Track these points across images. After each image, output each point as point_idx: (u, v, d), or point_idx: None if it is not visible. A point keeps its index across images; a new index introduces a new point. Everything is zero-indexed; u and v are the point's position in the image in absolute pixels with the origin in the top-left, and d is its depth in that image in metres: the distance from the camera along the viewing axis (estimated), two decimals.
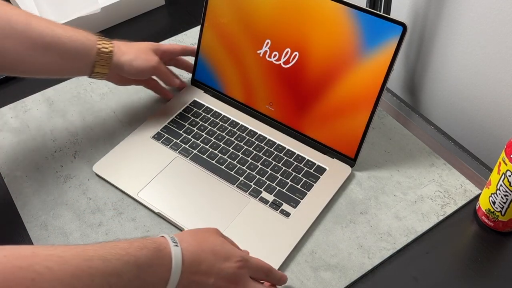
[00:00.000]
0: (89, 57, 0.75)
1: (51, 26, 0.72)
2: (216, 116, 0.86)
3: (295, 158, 0.79)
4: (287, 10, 0.77)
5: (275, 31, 0.79)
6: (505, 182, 0.67)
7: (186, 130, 0.84)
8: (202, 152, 0.80)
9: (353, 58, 0.73)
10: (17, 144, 0.84)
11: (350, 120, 0.76)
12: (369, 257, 0.70)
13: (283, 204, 0.74)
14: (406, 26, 0.68)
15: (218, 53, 0.86)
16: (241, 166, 0.78)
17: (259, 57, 0.81)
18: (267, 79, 0.82)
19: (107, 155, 0.81)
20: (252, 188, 0.76)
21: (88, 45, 0.74)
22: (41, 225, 0.74)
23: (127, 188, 0.76)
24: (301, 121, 0.81)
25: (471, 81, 0.88)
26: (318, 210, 0.73)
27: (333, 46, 0.75)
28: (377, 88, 0.73)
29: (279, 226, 0.72)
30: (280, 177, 0.77)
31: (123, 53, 0.77)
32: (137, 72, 0.79)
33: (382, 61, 0.71)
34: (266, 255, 0.67)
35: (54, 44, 0.71)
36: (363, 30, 0.72)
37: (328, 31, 0.75)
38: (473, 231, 0.73)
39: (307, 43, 0.77)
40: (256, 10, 0.80)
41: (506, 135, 0.85)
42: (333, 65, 0.75)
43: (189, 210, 0.74)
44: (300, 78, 0.79)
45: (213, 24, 0.85)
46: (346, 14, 0.73)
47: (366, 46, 0.72)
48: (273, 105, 0.82)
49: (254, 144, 0.81)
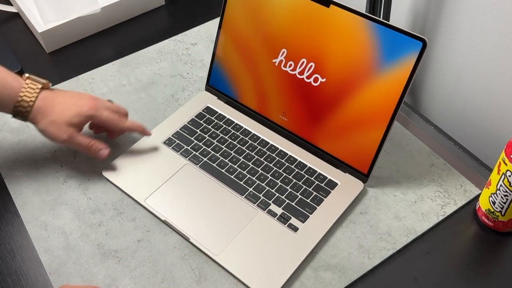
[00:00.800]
0: (5, 110, 0.74)
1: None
2: (229, 124, 0.85)
3: (306, 171, 0.78)
4: (305, 20, 0.76)
5: (292, 41, 0.78)
6: (505, 182, 0.67)
7: (197, 137, 0.83)
8: (212, 160, 0.80)
9: (370, 72, 0.72)
10: (17, 144, 0.84)
11: (365, 135, 0.74)
12: (369, 257, 0.70)
13: (291, 218, 0.73)
14: (426, 42, 0.67)
15: (233, 60, 0.85)
16: (250, 177, 0.78)
17: (274, 66, 0.81)
18: (282, 89, 0.81)
19: (117, 158, 0.80)
20: (261, 200, 0.75)
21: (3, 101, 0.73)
22: (41, 225, 0.74)
23: (135, 194, 0.76)
24: (314, 133, 0.79)
25: (471, 81, 0.88)
26: (327, 227, 0.72)
27: (350, 58, 0.73)
28: (394, 104, 0.71)
29: (286, 241, 0.70)
30: (290, 189, 0.76)
31: (36, 121, 0.74)
32: (50, 140, 0.76)
33: (400, 77, 0.70)
34: (270, 270, 0.67)
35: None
36: (382, 44, 0.70)
37: (345, 43, 0.73)
38: (473, 231, 0.73)
39: (324, 54, 0.75)
40: (273, 18, 0.79)
41: (506, 135, 0.85)
42: (349, 78, 0.74)
43: (196, 220, 0.73)
44: (316, 89, 0.78)
45: (229, 30, 0.84)
46: (365, 27, 0.71)
47: (384, 60, 0.71)
48: (286, 115, 0.81)
49: (265, 154, 0.81)
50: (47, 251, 0.71)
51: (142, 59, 0.98)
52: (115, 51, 1.01)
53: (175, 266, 0.69)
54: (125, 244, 0.71)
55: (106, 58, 0.99)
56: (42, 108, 0.74)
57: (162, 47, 1.00)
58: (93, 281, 0.68)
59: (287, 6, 0.77)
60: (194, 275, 0.68)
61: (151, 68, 0.96)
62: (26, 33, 1.04)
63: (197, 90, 0.92)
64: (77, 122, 0.75)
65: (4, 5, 1.08)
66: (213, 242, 0.70)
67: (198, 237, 0.71)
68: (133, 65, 0.97)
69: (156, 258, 0.70)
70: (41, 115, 0.74)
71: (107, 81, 0.94)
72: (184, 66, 0.97)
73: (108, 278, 0.68)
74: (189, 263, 0.69)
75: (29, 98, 0.73)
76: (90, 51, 1.01)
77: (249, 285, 0.66)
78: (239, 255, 0.69)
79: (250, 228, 0.72)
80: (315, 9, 0.75)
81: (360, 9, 0.72)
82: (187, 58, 0.98)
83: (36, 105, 0.73)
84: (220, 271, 0.69)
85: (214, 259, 0.69)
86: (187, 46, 1.01)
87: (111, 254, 0.70)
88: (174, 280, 0.68)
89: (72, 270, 0.69)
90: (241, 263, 0.68)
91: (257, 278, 0.67)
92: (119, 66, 0.97)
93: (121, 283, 0.68)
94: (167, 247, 0.71)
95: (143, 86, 0.93)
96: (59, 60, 1.00)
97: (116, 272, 0.69)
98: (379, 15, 0.89)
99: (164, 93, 0.92)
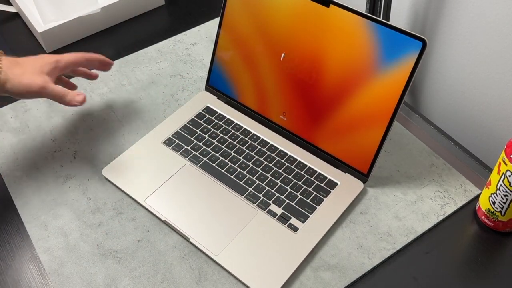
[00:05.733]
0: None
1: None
2: (228, 124, 0.85)
3: (306, 171, 0.78)
4: (304, 20, 0.76)
5: (291, 41, 0.78)
6: (505, 182, 0.67)
7: (197, 137, 0.83)
8: (212, 160, 0.80)
9: (370, 72, 0.72)
10: (17, 144, 0.84)
11: (365, 135, 0.75)
12: (369, 257, 0.70)
13: (291, 218, 0.73)
14: (426, 41, 0.67)
15: (233, 60, 0.85)
16: (250, 177, 0.77)
17: (274, 66, 0.80)
18: (281, 89, 0.81)
19: (117, 158, 0.80)
20: (261, 200, 0.75)
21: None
22: (41, 225, 0.74)
23: (135, 194, 0.76)
24: (314, 133, 0.79)
25: (471, 81, 0.88)
26: (327, 227, 0.72)
27: (350, 58, 0.73)
28: (394, 103, 0.71)
29: (286, 241, 0.70)
30: (290, 189, 0.76)
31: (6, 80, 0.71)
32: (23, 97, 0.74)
33: (399, 77, 0.70)
34: (270, 270, 0.67)
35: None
36: (382, 44, 0.70)
37: (345, 43, 0.73)
38: (473, 231, 0.73)
39: (323, 54, 0.75)
40: (273, 18, 0.79)
41: (506, 135, 0.85)
42: (349, 78, 0.74)
43: (196, 220, 0.73)
44: (315, 89, 0.78)
45: (229, 30, 0.84)
46: (364, 27, 0.71)
47: (384, 60, 0.71)
48: (286, 115, 0.81)
49: (265, 154, 0.81)
50: (47, 251, 0.71)
51: (142, 59, 0.98)
52: (115, 51, 1.01)
53: (175, 266, 0.69)
54: (125, 244, 0.71)
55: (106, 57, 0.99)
56: (7, 68, 0.72)
57: (162, 47, 1.00)
58: (93, 281, 0.68)
59: (287, 6, 0.77)
60: (194, 275, 0.68)
61: (151, 68, 0.96)
62: (26, 33, 1.04)
63: (197, 90, 0.92)
64: (48, 70, 0.74)
65: (4, 5, 1.08)
66: (213, 242, 0.70)
67: (198, 237, 0.71)
68: (133, 65, 0.97)
69: (156, 258, 0.70)
70: (10, 72, 0.72)
71: (107, 81, 0.94)
72: (184, 66, 0.97)
73: (108, 278, 0.68)
74: (189, 263, 0.69)
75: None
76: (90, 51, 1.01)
77: (249, 285, 0.66)
78: (239, 255, 0.69)
79: (250, 228, 0.72)
80: (315, 9, 0.75)
81: (360, 9, 0.72)
82: (187, 58, 0.98)
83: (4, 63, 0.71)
84: (220, 271, 0.69)
85: (214, 259, 0.69)
86: (187, 46, 1.01)
87: (111, 254, 0.70)
88: (174, 280, 0.68)
89: (72, 270, 0.69)
90: (241, 263, 0.68)
91: (257, 278, 0.67)
92: (119, 66, 0.97)
93: (121, 283, 0.68)
94: (167, 247, 0.71)
95: (143, 86, 0.93)
96: None
97: (116, 272, 0.69)
98: (379, 15, 0.89)
99: (164, 93, 0.92)
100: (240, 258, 0.69)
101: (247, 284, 0.67)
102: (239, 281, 0.67)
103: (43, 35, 0.98)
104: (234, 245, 0.70)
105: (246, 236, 0.71)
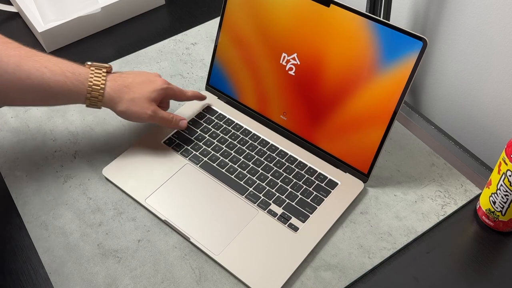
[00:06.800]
0: (78, 101, 0.74)
1: (40, 68, 0.70)
2: (229, 124, 0.85)
3: (307, 171, 0.78)
4: (305, 20, 0.76)
5: (292, 40, 0.78)
6: (505, 182, 0.67)
7: (197, 137, 0.83)
8: (213, 160, 0.80)
9: (370, 71, 0.72)
10: (17, 144, 0.84)
11: (365, 135, 0.74)
12: (369, 257, 0.70)
13: (291, 218, 0.73)
14: (427, 41, 0.67)
15: (234, 60, 0.85)
16: (251, 177, 0.77)
17: (274, 66, 0.80)
18: (282, 88, 0.81)
19: (117, 158, 0.80)
20: (261, 199, 0.75)
21: (76, 92, 0.72)
22: (41, 225, 0.74)
23: (135, 194, 0.76)
24: (314, 133, 0.79)
25: (471, 81, 0.88)
26: (327, 227, 0.72)
27: (350, 58, 0.73)
28: (394, 103, 0.71)
29: (286, 241, 0.70)
30: (290, 189, 0.76)
31: (114, 103, 0.74)
32: (131, 120, 0.78)
33: (400, 76, 0.70)
34: (271, 270, 0.67)
35: (41, 87, 0.70)
36: (382, 44, 0.70)
37: (346, 43, 0.73)
38: (473, 231, 0.73)
39: (324, 54, 0.75)
40: (273, 18, 0.79)
41: (506, 135, 0.85)
42: (350, 78, 0.74)
43: (196, 220, 0.73)
44: (316, 89, 0.78)
45: (229, 30, 0.84)
46: (365, 27, 0.71)
47: (385, 60, 0.71)
48: (287, 115, 0.81)
49: (265, 154, 0.80)
50: (47, 251, 0.71)
51: (142, 59, 0.98)
52: (115, 51, 1.01)
53: (175, 266, 0.69)
54: (125, 244, 0.71)
55: (106, 57, 0.99)
56: (116, 90, 0.74)
57: (162, 47, 1.00)
58: (93, 281, 0.68)
59: (287, 6, 0.77)
60: (194, 275, 0.68)
61: (151, 68, 0.96)
62: (26, 33, 1.04)
63: (197, 90, 0.92)
64: (155, 96, 0.76)
65: (4, 5, 1.08)
66: (213, 242, 0.70)
67: (198, 237, 0.71)
68: (133, 65, 0.97)
69: (156, 258, 0.70)
70: (118, 97, 0.74)
71: None
72: (184, 65, 0.97)
73: (108, 278, 0.68)
74: (189, 263, 0.69)
75: (99, 83, 0.73)
76: (90, 51, 1.01)
77: (249, 285, 0.66)
78: (240, 255, 0.69)
79: (250, 228, 0.72)
80: (315, 8, 0.75)
81: (360, 9, 0.72)
82: (187, 57, 0.98)
83: (108, 88, 0.73)
84: (220, 271, 0.69)
85: (214, 259, 0.69)
86: (187, 45, 1.01)
87: (111, 254, 0.70)
88: (174, 280, 0.68)
89: (72, 270, 0.69)
90: (241, 263, 0.68)
91: (257, 278, 0.67)
92: (119, 66, 0.97)
93: (121, 283, 0.68)
94: (167, 247, 0.71)
95: None
96: None
97: (116, 272, 0.69)
98: (379, 15, 0.89)
99: None
100: (241, 258, 0.69)
101: (247, 284, 0.67)
102: (239, 281, 0.67)
103: (43, 35, 0.98)
104: (235, 245, 0.70)
105: (247, 236, 0.71)
